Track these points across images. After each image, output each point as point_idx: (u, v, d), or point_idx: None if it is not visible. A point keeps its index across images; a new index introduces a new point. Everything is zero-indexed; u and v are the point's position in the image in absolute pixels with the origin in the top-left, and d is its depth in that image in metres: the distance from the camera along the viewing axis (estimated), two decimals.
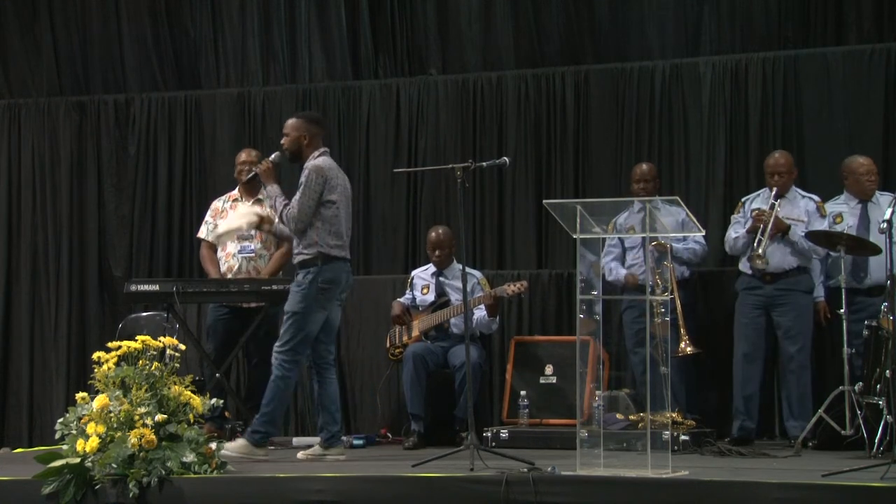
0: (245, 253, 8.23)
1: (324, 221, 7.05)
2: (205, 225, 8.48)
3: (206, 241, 8.43)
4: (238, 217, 8.11)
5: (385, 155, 9.60)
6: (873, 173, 7.96)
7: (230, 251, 8.27)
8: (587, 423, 6.36)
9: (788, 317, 7.89)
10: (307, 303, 7.02)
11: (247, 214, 8.00)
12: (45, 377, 9.91)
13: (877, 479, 5.67)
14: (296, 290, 7.08)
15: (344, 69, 9.84)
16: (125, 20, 10.18)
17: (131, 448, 6.08)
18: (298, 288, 7.06)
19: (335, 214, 7.11)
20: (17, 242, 10.13)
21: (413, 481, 6.06)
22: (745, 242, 7.98)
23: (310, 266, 7.04)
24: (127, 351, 6.31)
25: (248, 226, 8.01)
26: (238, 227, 8.08)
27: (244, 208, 8.21)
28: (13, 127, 10.26)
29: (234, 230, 8.10)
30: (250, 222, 7.96)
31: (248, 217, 7.98)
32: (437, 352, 8.31)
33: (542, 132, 9.33)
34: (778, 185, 7.95)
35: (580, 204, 6.27)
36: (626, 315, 8.19)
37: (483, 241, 9.39)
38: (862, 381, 7.27)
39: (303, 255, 7.08)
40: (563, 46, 9.43)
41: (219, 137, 9.99)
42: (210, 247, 8.41)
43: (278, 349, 7.10)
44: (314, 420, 9.18)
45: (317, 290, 7.02)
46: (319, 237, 7.03)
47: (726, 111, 8.97)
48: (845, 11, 8.90)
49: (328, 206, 7.08)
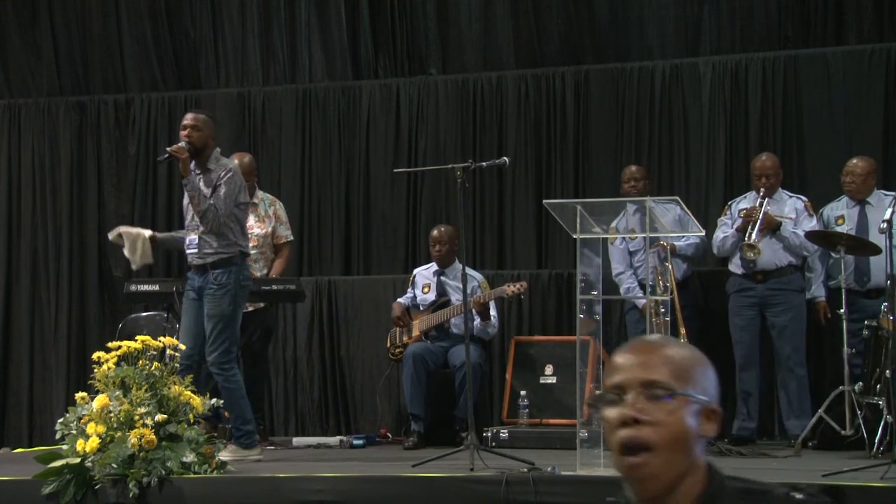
0: None
1: (237, 222, 7.10)
2: None
3: None
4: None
5: (385, 155, 9.60)
6: (852, 174, 7.87)
7: None
8: (587, 423, 6.36)
9: (783, 317, 7.90)
10: (235, 302, 7.03)
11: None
12: (45, 377, 9.91)
13: (877, 479, 5.68)
14: (219, 291, 6.97)
15: (344, 69, 9.84)
16: (125, 20, 10.18)
17: (131, 448, 6.07)
18: (222, 289, 6.98)
19: (245, 215, 7.30)
20: (17, 242, 10.12)
21: (413, 481, 6.06)
22: (733, 242, 7.98)
23: (230, 265, 7.02)
24: (127, 351, 6.31)
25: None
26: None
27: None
28: (13, 127, 10.25)
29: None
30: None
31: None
32: (437, 352, 8.31)
33: (542, 132, 9.33)
34: (765, 187, 7.94)
35: (580, 204, 6.28)
36: (629, 316, 8.20)
37: (483, 241, 9.38)
38: (862, 381, 7.28)
39: (221, 255, 7.02)
40: (563, 46, 9.43)
41: (219, 137, 9.89)
42: None
43: (219, 358, 6.94)
44: (313, 420, 9.23)
45: (239, 288, 7.05)
46: (235, 237, 7.07)
47: (726, 111, 8.97)
48: (845, 11, 8.90)
49: (242, 207, 7.16)
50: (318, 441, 8.46)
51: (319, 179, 9.74)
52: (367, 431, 8.75)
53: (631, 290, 8.17)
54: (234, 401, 6.99)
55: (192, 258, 7.09)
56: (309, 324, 9.29)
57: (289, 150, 9.83)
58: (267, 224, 8.29)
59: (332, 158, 9.74)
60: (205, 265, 7.01)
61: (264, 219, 8.29)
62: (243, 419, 7.08)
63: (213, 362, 6.93)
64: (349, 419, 9.16)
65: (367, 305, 9.18)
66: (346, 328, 9.26)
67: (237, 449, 7.03)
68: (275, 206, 8.42)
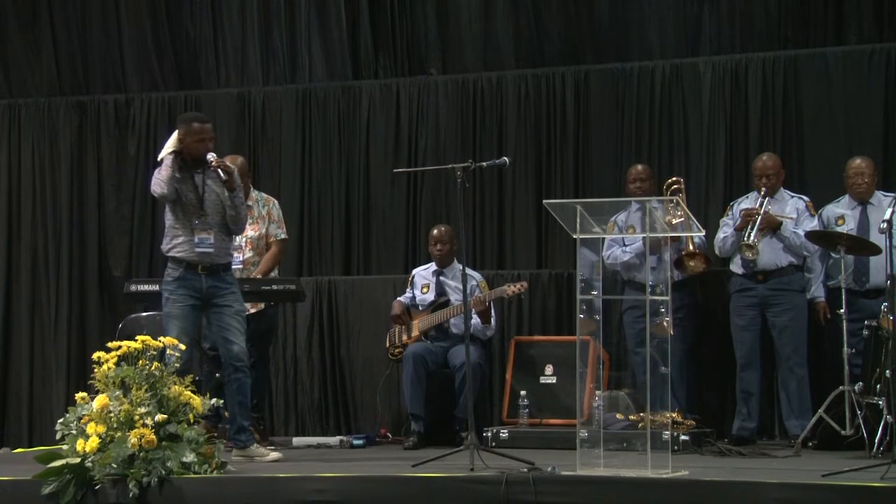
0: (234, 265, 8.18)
1: None
2: None
3: None
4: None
5: (385, 155, 9.60)
6: (862, 175, 7.89)
7: None
8: (587, 423, 6.36)
9: (783, 317, 7.90)
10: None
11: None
12: (45, 377, 9.91)
13: (877, 479, 5.67)
14: (236, 288, 7.18)
15: (344, 69, 9.84)
16: (125, 20, 10.18)
17: (131, 448, 6.07)
18: (236, 286, 7.21)
19: None
20: (17, 242, 10.13)
21: (413, 481, 6.06)
22: (733, 242, 7.98)
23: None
24: (127, 351, 6.30)
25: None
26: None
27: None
28: (13, 127, 10.26)
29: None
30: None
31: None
32: (437, 352, 8.31)
33: (542, 132, 9.33)
34: (766, 186, 7.95)
35: (580, 204, 6.26)
36: (627, 315, 8.19)
37: (483, 241, 9.39)
38: (862, 381, 7.28)
39: (230, 256, 7.28)
40: (563, 46, 9.43)
41: (219, 137, 9.90)
42: None
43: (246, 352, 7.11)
44: (313, 420, 9.24)
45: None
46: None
47: (726, 111, 8.97)
48: (845, 11, 8.90)
49: None
50: (318, 441, 8.46)
51: (319, 179, 9.74)
52: (366, 431, 8.75)
53: (619, 257, 8.14)
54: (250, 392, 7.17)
55: (209, 258, 7.03)
56: (309, 324, 9.30)
57: (289, 150, 9.83)
58: (261, 226, 8.27)
59: (332, 158, 9.74)
60: (219, 265, 7.07)
61: (258, 220, 8.26)
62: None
63: (244, 356, 7.03)
64: (349, 419, 9.17)
65: (367, 305, 9.18)
66: (346, 328, 9.26)
67: (257, 446, 7.11)
68: (269, 205, 8.39)
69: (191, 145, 7.03)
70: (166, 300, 7.02)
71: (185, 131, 7.05)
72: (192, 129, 7.03)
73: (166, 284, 7.05)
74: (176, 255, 7.04)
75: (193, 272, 7.01)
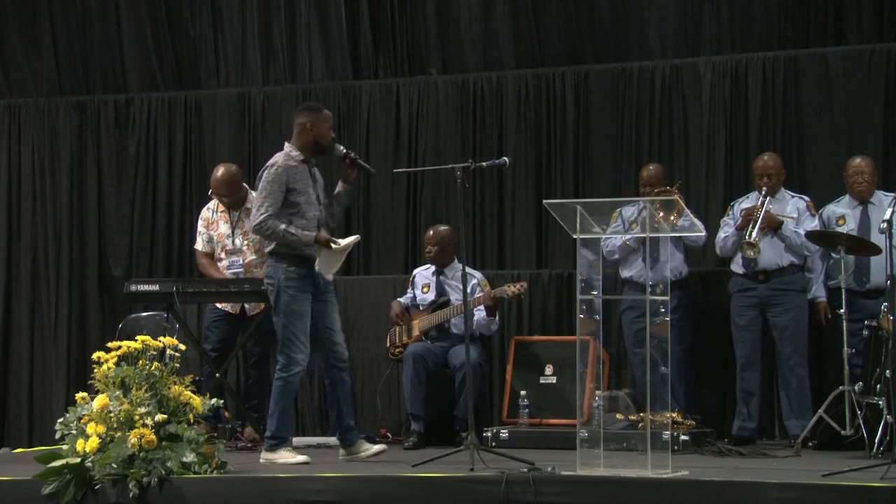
0: (234, 268, 8.17)
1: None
2: (199, 236, 8.35)
3: (204, 251, 8.33)
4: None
5: (385, 155, 9.60)
6: (862, 174, 7.88)
7: (222, 265, 8.21)
8: (587, 423, 6.37)
9: (784, 317, 7.90)
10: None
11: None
12: (45, 377, 9.92)
13: (877, 479, 5.67)
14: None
15: (344, 69, 9.85)
16: (125, 20, 10.19)
17: (131, 448, 6.07)
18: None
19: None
20: (17, 242, 10.13)
21: (413, 481, 6.06)
22: (734, 241, 7.98)
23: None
24: (127, 351, 6.31)
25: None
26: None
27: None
28: (13, 127, 10.26)
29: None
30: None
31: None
32: (437, 352, 8.31)
33: (542, 132, 9.34)
34: (767, 186, 7.96)
35: (580, 204, 6.27)
36: (626, 315, 8.18)
37: (483, 241, 9.39)
38: (862, 381, 7.28)
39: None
40: (563, 46, 9.44)
41: (219, 137, 9.99)
42: (207, 255, 8.32)
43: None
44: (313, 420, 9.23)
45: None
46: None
47: (726, 111, 8.98)
48: (845, 11, 8.90)
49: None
50: (318, 441, 8.45)
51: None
52: (367, 431, 8.73)
53: (615, 241, 8.10)
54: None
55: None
56: None
57: None
58: None
59: (333, 158, 9.71)
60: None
61: None
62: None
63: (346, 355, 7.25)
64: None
65: (367, 305, 9.17)
66: (346, 328, 9.22)
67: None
68: None
69: (325, 132, 7.15)
70: (292, 298, 6.88)
71: (316, 118, 7.15)
72: (324, 116, 7.19)
73: (289, 282, 6.89)
74: (303, 254, 6.93)
75: (311, 268, 6.97)
